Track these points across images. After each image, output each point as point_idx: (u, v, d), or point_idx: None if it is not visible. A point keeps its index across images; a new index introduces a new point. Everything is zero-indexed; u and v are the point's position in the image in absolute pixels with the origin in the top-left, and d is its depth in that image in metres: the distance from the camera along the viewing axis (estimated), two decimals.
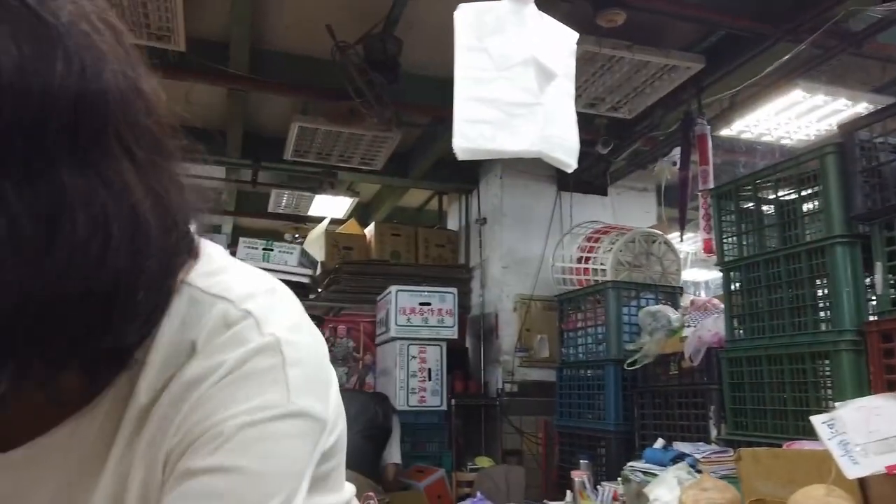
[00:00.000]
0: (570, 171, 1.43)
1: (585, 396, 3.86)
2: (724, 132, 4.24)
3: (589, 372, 3.86)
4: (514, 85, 1.38)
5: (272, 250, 4.67)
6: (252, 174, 5.37)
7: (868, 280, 2.38)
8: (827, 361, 2.42)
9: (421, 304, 4.55)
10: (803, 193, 2.62)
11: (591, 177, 5.06)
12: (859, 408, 1.67)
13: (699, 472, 2.21)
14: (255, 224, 7.07)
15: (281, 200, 6.00)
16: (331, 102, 4.11)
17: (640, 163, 4.85)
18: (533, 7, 1.46)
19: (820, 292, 2.49)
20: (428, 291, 4.62)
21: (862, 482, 1.71)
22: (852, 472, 1.58)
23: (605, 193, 5.22)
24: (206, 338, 0.54)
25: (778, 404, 2.57)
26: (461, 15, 1.44)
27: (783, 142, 4.38)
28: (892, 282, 2.26)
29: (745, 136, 4.34)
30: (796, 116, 4.13)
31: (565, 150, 1.41)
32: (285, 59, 4.12)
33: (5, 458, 0.53)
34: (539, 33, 1.44)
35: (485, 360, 5.03)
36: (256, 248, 4.69)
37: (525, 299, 4.89)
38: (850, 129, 2.46)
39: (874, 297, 2.33)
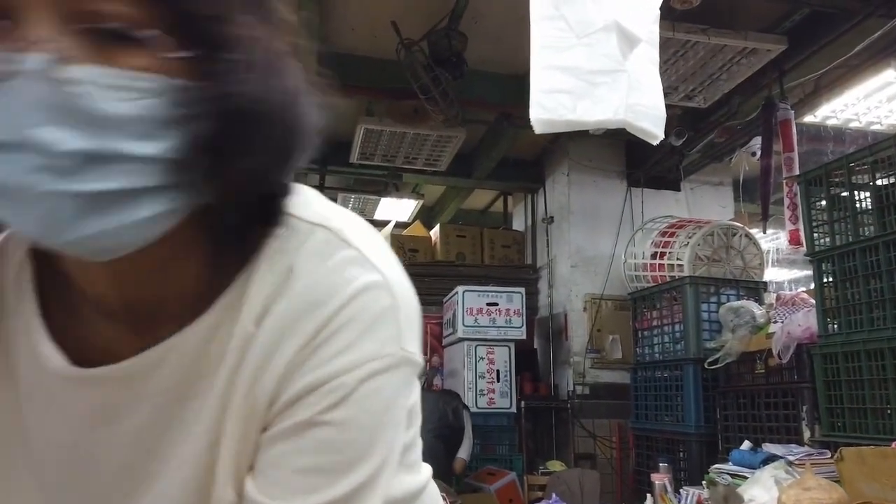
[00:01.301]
0: (655, 142, 1.34)
1: (663, 398, 3.70)
2: (808, 118, 4.01)
3: (666, 372, 3.70)
4: (594, 52, 1.30)
5: None
6: (319, 178, 5.43)
7: None
8: None
9: (488, 304, 4.49)
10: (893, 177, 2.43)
11: (662, 171, 4.89)
12: None
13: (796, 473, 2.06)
14: None
15: (347, 204, 6.05)
16: (395, 102, 4.11)
17: (715, 155, 4.64)
18: None
19: None
20: (495, 291, 4.56)
21: None
22: None
23: (678, 189, 5.02)
24: (305, 265, 0.51)
25: (880, 402, 2.38)
26: None
27: (873, 127, 4.11)
28: None
29: (830, 122, 4.10)
30: (888, 99, 3.87)
31: (651, 119, 1.33)
32: (350, 61, 4.14)
33: (104, 371, 0.51)
34: None
35: (554, 361, 4.92)
36: None
37: (595, 299, 4.75)
38: None
39: None
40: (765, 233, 3.93)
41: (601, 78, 1.29)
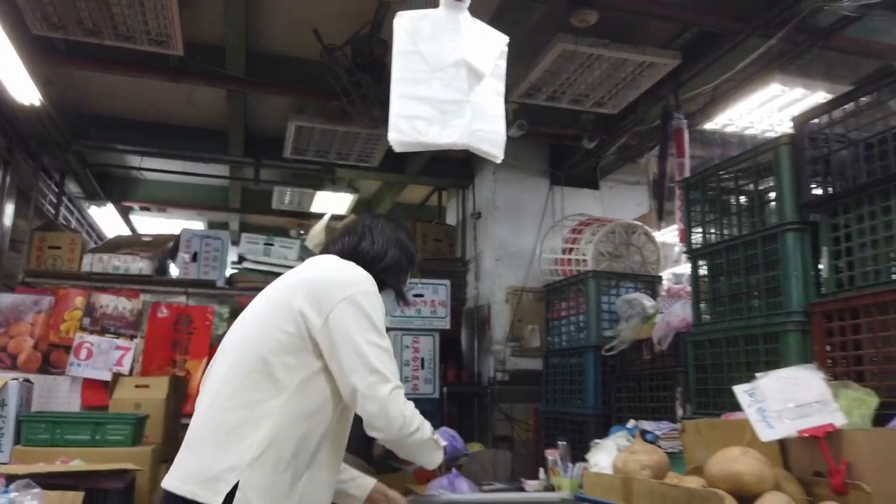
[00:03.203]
0: (497, 161, 1.58)
1: (568, 382, 4.00)
2: (708, 126, 4.35)
3: (572, 359, 4.00)
4: (445, 84, 1.53)
5: (272, 245, 4.86)
6: (254, 172, 5.57)
7: (816, 265, 2.50)
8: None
9: (414, 295, 4.72)
10: (760, 184, 2.75)
11: (581, 171, 5.19)
12: (778, 378, 1.81)
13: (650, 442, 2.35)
14: (260, 221, 7.29)
15: (284, 198, 6.20)
16: (324, 102, 4.29)
17: (629, 156, 4.97)
18: (466, 14, 1.61)
19: (773, 277, 2.61)
20: (421, 283, 4.79)
21: (782, 445, 1.85)
22: (766, 435, 1.72)
23: (596, 187, 5.35)
24: None
25: (736, 383, 2.69)
26: (399, 22, 1.60)
27: (767, 134, 4.47)
28: (835, 266, 2.38)
29: (729, 129, 4.45)
30: (778, 109, 4.23)
31: (492, 142, 1.56)
32: (280, 61, 4.31)
33: None
34: (470, 37, 1.60)
35: (478, 350, 5.19)
36: (258, 244, 4.88)
37: (517, 291, 5.04)
38: (802, 121, 2.59)
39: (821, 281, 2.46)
40: (659, 230, 4.26)
41: (450, 107, 1.52)
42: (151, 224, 6.97)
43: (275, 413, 1.50)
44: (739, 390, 1.81)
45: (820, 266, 2.49)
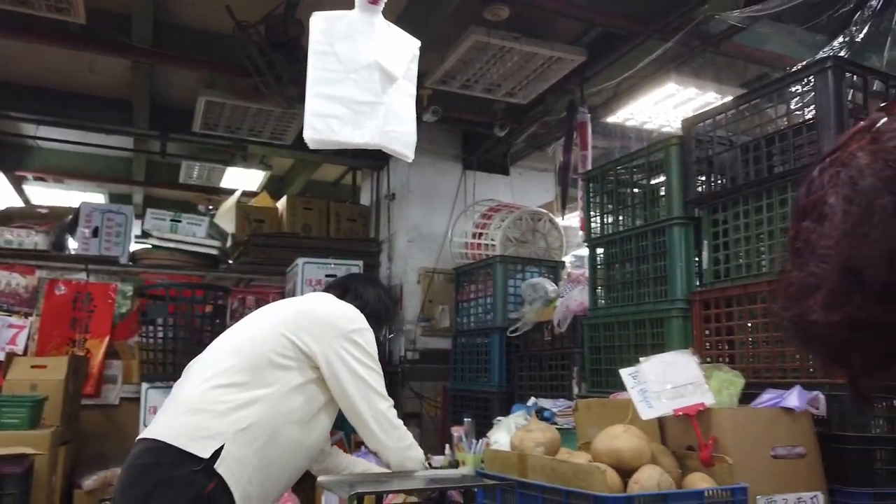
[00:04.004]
0: (408, 160, 1.67)
1: (475, 362, 4.18)
2: (610, 119, 4.58)
3: (478, 339, 4.17)
4: (359, 85, 1.60)
5: (180, 221, 4.75)
6: (161, 145, 5.39)
7: (697, 256, 2.74)
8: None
9: (327, 276, 4.74)
10: (653, 179, 2.97)
11: (493, 157, 5.34)
12: (659, 362, 2.01)
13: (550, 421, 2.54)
14: (167, 195, 7.04)
15: (192, 172, 6.03)
16: (236, 78, 4.21)
17: (537, 145, 5.16)
18: (380, 17, 1.68)
19: (661, 266, 2.84)
20: (334, 264, 4.82)
21: (660, 422, 2.06)
22: (646, 413, 1.92)
23: (506, 173, 5.52)
24: None
25: (625, 364, 2.92)
26: (315, 21, 1.65)
27: (663, 129, 4.76)
28: (715, 258, 2.63)
29: (629, 123, 4.70)
30: (673, 107, 4.51)
31: (403, 143, 1.65)
32: (190, 33, 4.18)
33: None
34: (384, 40, 1.66)
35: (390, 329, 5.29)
36: (164, 220, 4.76)
37: (428, 272, 5.16)
38: (690, 123, 2.81)
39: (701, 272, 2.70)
40: (563, 217, 4.48)
41: (363, 108, 1.59)
42: (47, 195, 6.60)
43: (265, 402, 1.71)
44: (624, 373, 1.99)
45: (702, 258, 2.73)
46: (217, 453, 1.62)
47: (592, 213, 3.25)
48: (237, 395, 1.71)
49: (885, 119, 0.50)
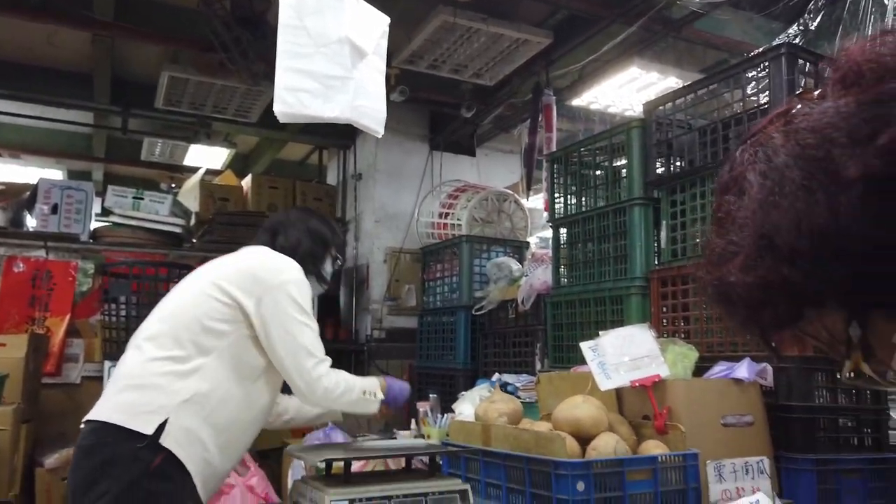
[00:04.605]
0: (378, 136, 1.70)
1: (441, 340, 4.24)
2: (575, 102, 4.65)
3: (444, 318, 4.23)
4: (329, 60, 1.62)
5: (142, 199, 4.68)
6: (122, 121, 5.29)
7: (656, 236, 2.83)
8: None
9: None
10: (615, 161, 3.05)
11: (459, 138, 5.38)
12: (617, 336, 2.09)
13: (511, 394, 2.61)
14: (128, 172, 6.91)
15: (154, 149, 5.93)
16: (201, 53, 4.15)
17: (503, 127, 5.21)
18: None
19: (621, 246, 2.92)
20: None
21: (618, 393, 2.14)
22: (605, 385, 2.00)
23: (473, 154, 5.56)
24: None
25: (586, 340, 3.02)
26: None
27: (627, 113, 4.85)
28: (672, 238, 2.72)
29: (593, 106, 4.77)
30: (636, 90, 4.59)
31: (373, 118, 1.68)
32: (153, 7, 4.10)
33: None
34: (354, 15, 1.69)
35: (356, 308, 5.32)
36: (126, 197, 4.69)
37: (395, 252, 5.19)
38: (650, 107, 2.89)
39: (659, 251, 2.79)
40: (528, 198, 4.55)
41: (333, 82, 1.61)
42: (3, 171, 6.42)
43: (205, 369, 1.70)
44: (585, 346, 2.07)
45: (660, 237, 2.82)
46: (161, 427, 1.61)
47: (556, 194, 3.32)
48: (175, 367, 1.69)
49: (799, 105, 0.56)
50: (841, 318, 0.54)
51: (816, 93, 0.56)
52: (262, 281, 1.78)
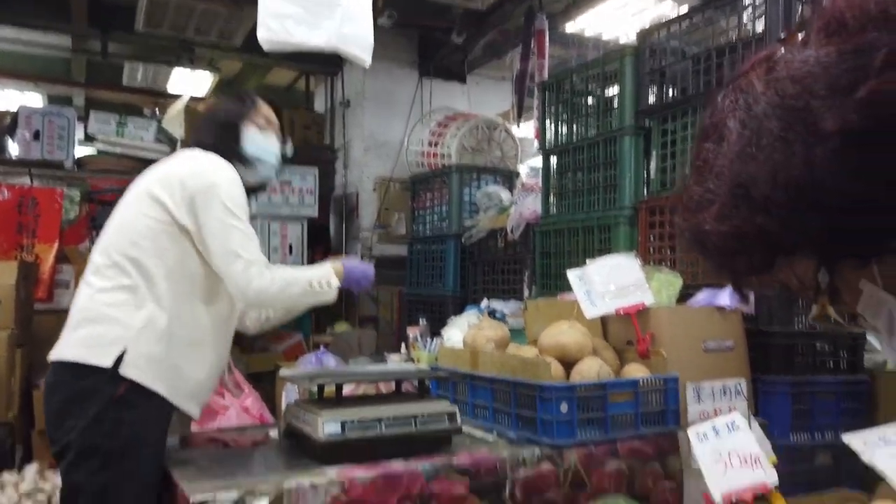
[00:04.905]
0: (365, 66, 1.66)
1: (430, 268, 4.29)
2: (569, 28, 4.54)
3: (434, 246, 4.26)
4: None
5: (126, 125, 4.60)
6: (101, 45, 5.12)
7: (646, 166, 2.83)
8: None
9: (282, 182, 4.71)
10: (608, 89, 3.01)
11: (450, 64, 5.27)
12: (604, 265, 2.12)
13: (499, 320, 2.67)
14: (110, 97, 6.73)
15: (136, 74, 5.77)
16: None
17: (495, 53, 5.09)
18: None
19: (611, 175, 2.92)
20: (289, 171, 4.77)
21: (603, 320, 2.20)
22: (590, 312, 2.04)
23: (463, 81, 5.46)
24: None
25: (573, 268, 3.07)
26: None
27: (621, 40, 4.75)
28: (662, 168, 2.72)
29: (587, 33, 4.67)
30: (631, 15, 4.49)
31: (360, 46, 1.64)
32: None
33: None
34: None
35: (346, 237, 5.33)
36: (109, 124, 4.60)
37: (384, 180, 5.17)
38: (644, 34, 2.83)
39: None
40: (518, 127, 4.51)
41: (319, 8, 1.57)
42: None
43: (154, 292, 1.66)
44: (572, 274, 2.10)
45: (650, 167, 2.83)
46: (120, 358, 1.59)
47: (547, 122, 3.29)
48: (125, 296, 1.64)
49: (782, 51, 0.55)
50: (811, 265, 0.55)
51: (800, 38, 0.55)
52: (189, 188, 1.69)
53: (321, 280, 1.80)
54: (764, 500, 1.51)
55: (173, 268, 1.68)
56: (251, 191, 1.91)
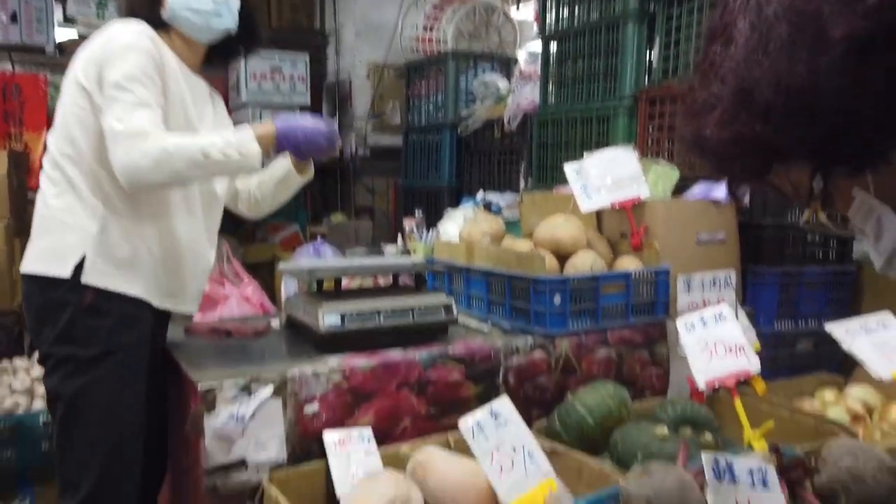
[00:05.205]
0: None
1: (426, 158, 4.25)
2: None
3: (429, 136, 4.20)
4: None
5: (106, 7, 4.39)
6: None
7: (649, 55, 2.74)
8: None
9: (272, 69, 4.57)
10: None
11: None
12: (601, 158, 2.11)
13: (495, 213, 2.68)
14: None
15: None
16: None
17: None
18: None
19: (612, 63, 2.84)
20: (279, 57, 4.61)
21: (598, 214, 2.21)
22: (586, 206, 2.05)
23: None
24: None
25: (571, 161, 3.04)
26: None
27: None
28: (665, 56, 2.64)
29: None
30: None
31: None
32: None
33: None
34: None
35: (339, 126, 5.24)
36: (89, 6, 4.38)
37: (378, 67, 5.00)
38: None
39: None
40: (517, 9, 4.31)
41: None
42: None
43: (105, 190, 1.54)
44: (568, 168, 2.09)
45: (653, 55, 2.74)
46: (80, 266, 1.51)
47: (548, 4, 3.15)
48: (74, 200, 1.54)
49: None
50: (806, 172, 0.56)
51: None
52: (97, 64, 1.50)
53: (228, 148, 1.49)
54: (745, 384, 1.58)
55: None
56: (218, 53, 1.74)
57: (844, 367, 2.09)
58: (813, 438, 1.61)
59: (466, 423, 1.24)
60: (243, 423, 1.42)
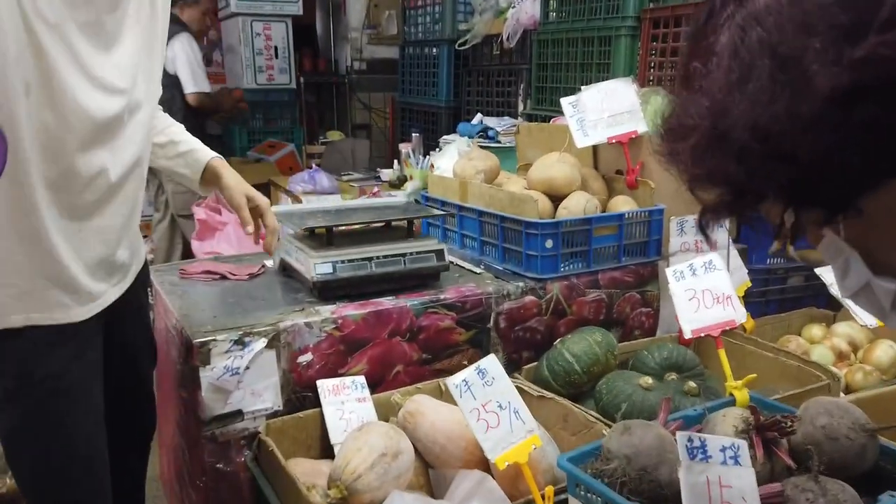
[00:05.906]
0: None
1: (423, 75, 4.12)
2: None
3: (426, 50, 4.06)
4: None
5: None
6: None
7: None
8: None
9: None
10: None
11: None
12: (599, 90, 2.03)
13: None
14: None
15: None
16: None
17: None
18: None
19: None
20: None
21: (595, 148, 2.17)
22: (581, 142, 2.00)
23: None
24: None
25: (570, 83, 2.95)
26: None
27: None
28: None
29: None
30: None
31: None
32: None
33: None
34: None
35: (334, 37, 5.05)
36: None
37: None
38: None
39: None
40: None
41: None
42: None
43: None
44: (565, 102, 2.03)
45: None
46: None
47: None
48: None
49: None
50: (778, 206, 0.54)
51: None
52: None
53: None
54: (730, 330, 1.61)
55: None
56: None
57: (833, 301, 2.12)
58: (796, 381, 1.66)
59: (454, 380, 1.27)
60: (238, 375, 1.46)
